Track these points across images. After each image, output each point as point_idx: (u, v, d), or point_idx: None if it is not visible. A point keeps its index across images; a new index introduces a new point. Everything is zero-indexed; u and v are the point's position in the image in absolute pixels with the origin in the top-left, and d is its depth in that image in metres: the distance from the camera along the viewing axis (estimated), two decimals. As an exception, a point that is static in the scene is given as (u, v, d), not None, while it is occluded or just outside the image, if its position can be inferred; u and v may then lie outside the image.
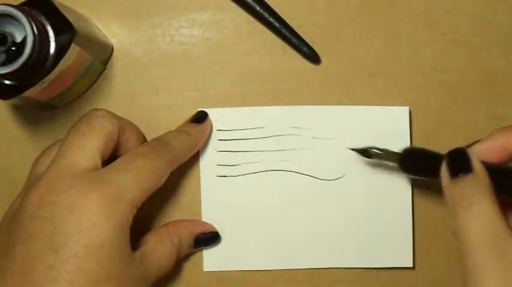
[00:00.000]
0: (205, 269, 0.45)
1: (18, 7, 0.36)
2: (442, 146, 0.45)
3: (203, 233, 0.44)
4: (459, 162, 0.37)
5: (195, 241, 0.44)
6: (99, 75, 0.45)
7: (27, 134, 0.45)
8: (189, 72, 0.45)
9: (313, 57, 0.45)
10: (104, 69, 0.45)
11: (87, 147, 0.38)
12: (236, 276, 0.45)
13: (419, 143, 0.45)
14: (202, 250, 0.45)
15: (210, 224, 0.45)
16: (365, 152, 0.42)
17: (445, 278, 0.45)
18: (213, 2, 0.45)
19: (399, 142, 0.45)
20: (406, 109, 0.45)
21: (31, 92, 0.38)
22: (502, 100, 0.46)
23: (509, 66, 0.46)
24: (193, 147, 0.43)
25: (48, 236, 0.35)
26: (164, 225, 0.44)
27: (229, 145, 0.45)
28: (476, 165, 0.37)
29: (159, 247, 0.41)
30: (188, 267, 0.45)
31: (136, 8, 0.45)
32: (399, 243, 0.45)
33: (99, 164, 0.38)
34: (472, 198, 0.35)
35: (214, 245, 0.45)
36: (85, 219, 0.36)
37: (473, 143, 0.39)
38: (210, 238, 0.44)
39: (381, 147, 0.42)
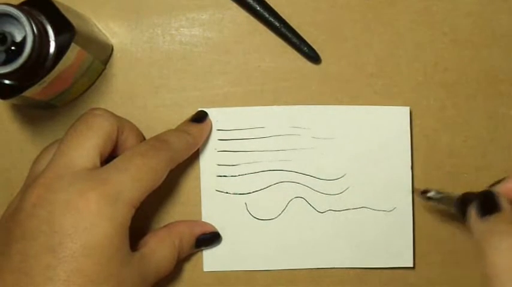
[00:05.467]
0: (205, 270, 0.45)
1: (18, 7, 0.36)
2: (442, 146, 0.46)
3: (204, 234, 0.44)
4: (489, 202, 0.38)
5: (196, 242, 0.44)
6: (99, 75, 0.45)
7: (27, 134, 0.45)
8: (189, 72, 0.45)
9: (313, 57, 0.45)
10: (104, 69, 0.45)
11: (85, 146, 0.38)
12: (236, 276, 0.45)
13: (419, 143, 0.45)
14: (202, 250, 0.45)
15: (210, 225, 0.45)
16: (424, 193, 0.43)
17: (445, 278, 0.45)
18: (213, 2, 0.45)
19: (399, 142, 0.45)
20: (407, 109, 0.45)
21: (31, 92, 0.38)
22: (502, 100, 0.46)
23: (509, 66, 0.46)
24: (192, 146, 0.43)
25: (45, 235, 0.35)
26: (165, 226, 0.43)
27: (229, 145, 0.45)
28: (504, 204, 0.37)
29: (159, 248, 0.41)
30: (188, 267, 0.45)
31: (136, 8, 0.45)
32: (399, 243, 0.44)
33: (98, 163, 0.38)
34: (501, 234, 0.36)
35: (215, 246, 0.45)
36: (83, 218, 0.35)
37: (496, 182, 0.40)
38: (211, 238, 0.44)
39: (440, 190, 0.43)
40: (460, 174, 0.46)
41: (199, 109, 0.45)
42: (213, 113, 0.45)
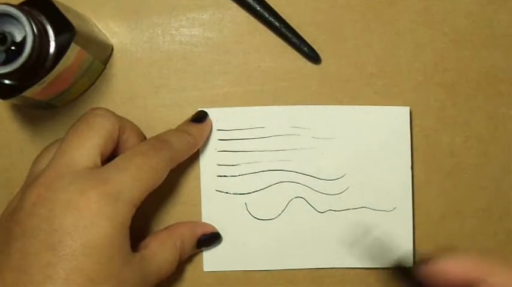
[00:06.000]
0: (205, 270, 0.45)
1: (18, 7, 0.36)
2: (442, 146, 0.46)
3: (205, 235, 0.44)
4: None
5: (197, 243, 0.44)
6: (99, 75, 0.45)
7: (27, 134, 0.45)
8: (189, 72, 0.45)
9: (313, 57, 0.45)
10: (104, 69, 0.45)
11: (86, 145, 0.38)
12: (236, 276, 0.45)
13: (419, 143, 0.45)
14: (203, 250, 0.45)
15: (211, 225, 0.45)
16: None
17: (445, 278, 0.45)
18: (213, 2, 0.45)
19: (399, 142, 0.45)
20: (407, 109, 0.45)
21: (31, 92, 0.38)
22: (502, 100, 0.46)
23: (509, 66, 0.46)
24: (192, 146, 0.43)
25: (45, 234, 0.35)
26: (166, 228, 0.43)
27: (229, 145, 0.45)
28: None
29: (160, 250, 0.41)
30: (188, 267, 0.45)
31: (136, 8, 0.45)
32: (399, 243, 0.44)
33: (99, 162, 0.38)
34: None
35: (215, 246, 0.45)
36: (83, 217, 0.35)
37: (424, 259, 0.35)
38: (212, 239, 0.44)
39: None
40: (460, 174, 0.46)
41: (199, 109, 0.45)
42: (213, 113, 0.45)
